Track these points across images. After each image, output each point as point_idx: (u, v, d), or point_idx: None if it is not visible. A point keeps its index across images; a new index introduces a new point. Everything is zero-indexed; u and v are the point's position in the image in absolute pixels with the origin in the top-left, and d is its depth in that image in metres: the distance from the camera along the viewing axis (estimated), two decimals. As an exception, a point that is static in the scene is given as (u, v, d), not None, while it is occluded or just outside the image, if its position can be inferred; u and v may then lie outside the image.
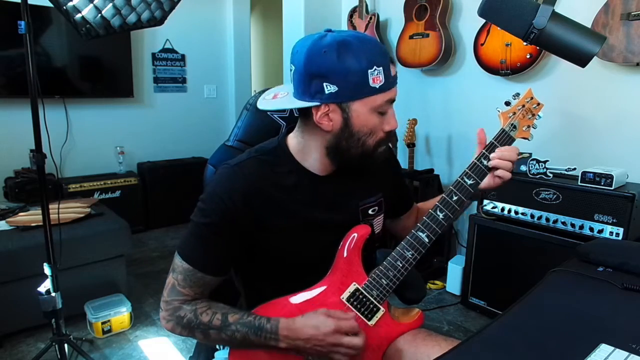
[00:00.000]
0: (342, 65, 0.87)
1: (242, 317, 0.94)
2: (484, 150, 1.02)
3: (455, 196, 1.01)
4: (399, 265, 1.00)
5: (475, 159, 1.03)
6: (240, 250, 0.99)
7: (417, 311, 1.08)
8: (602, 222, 1.96)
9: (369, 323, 1.00)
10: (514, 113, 1.06)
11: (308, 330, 0.91)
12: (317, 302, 0.99)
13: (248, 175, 0.96)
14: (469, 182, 1.01)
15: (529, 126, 1.06)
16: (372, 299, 1.00)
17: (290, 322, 0.93)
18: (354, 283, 1.00)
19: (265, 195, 0.96)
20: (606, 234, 1.95)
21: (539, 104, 1.07)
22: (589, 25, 1.82)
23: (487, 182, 1.03)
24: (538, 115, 1.07)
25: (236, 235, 0.95)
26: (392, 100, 0.94)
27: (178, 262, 0.96)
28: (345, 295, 1.00)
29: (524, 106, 1.06)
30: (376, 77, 0.88)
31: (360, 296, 1.00)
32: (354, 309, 0.99)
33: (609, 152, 2.27)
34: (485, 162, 1.02)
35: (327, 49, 0.87)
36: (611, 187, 1.93)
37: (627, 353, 0.76)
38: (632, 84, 2.17)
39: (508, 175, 1.00)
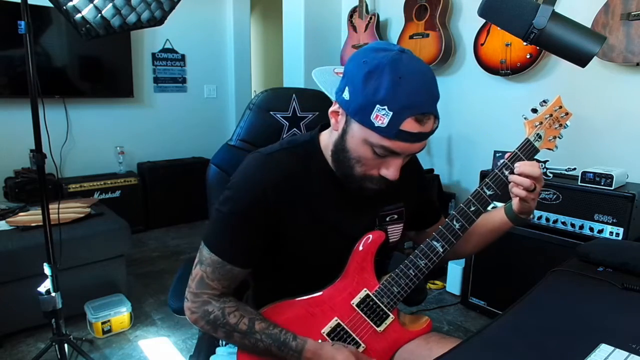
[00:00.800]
0: (362, 82, 0.82)
1: (268, 328, 0.93)
2: (506, 161, 0.97)
3: (473, 207, 0.98)
4: (411, 274, 0.98)
5: (497, 168, 0.98)
6: (267, 241, 0.97)
7: (426, 319, 1.07)
8: (602, 222, 1.96)
9: (378, 329, 0.99)
10: (541, 122, 1.00)
11: None
12: (327, 306, 0.98)
13: (280, 167, 0.93)
14: (488, 192, 0.97)
15: (555, 137, 1.01)
16: (382, 305, 0.99)
17: (318, 346, 0.92)
18: (365, 289, 0.99)
19: (293, 188, 0.94)
20: (606, 234, 1.95)
21: (567, 113, 1.01)
22: (589, 25, 1.82)
23: (514, 204, 1.00)
24: (565, 124, 1.02)
25: (265, 225, 0.93)
26: (393, 152, 0.86)
27: (206, 253, 0.94)
28: (355, 300, 0.99)
29: (551, 115, 1.00)
30: (380, 115, 0.81)
31: (371, 302, 0.99)
32: (363, 315, 0.99)
33: (609, 152, 2.27)
34: (507, 173, 0.97)
35: (368, 60, 0.83)
36: (611, 187, 1.93)
37: (627, 353, 0.76)
38: (632, 84, 2.17)
39: (523, 194, 0.95)
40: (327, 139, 0.98)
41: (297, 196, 0.94)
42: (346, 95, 0.86)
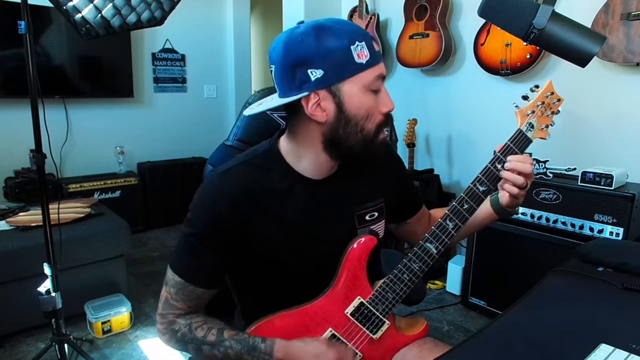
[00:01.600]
0: (322, 47, 0.83)
1: (237, 334, 0.92)
2: (498, 154, 0.95)
3: (467, 204, 0.95)
4: (406, 279, 0.96)
5: (489, 163, 0.95)
6: (231, 261, 0.95)
7: (422, 322, 1.06)
8: (602, 222, 1.96)
9: (374, 337, 0.97)
10: (533, 111, 0.96)
11: (307, 358, 0.88)
12: (320, 317, 0.96)
13: (235, 181, 0.92)
14: (482, 188, 0.94)
15: (547, 125, 0.98)
16: (377, 313, 0.97)
17: (288, 344, 0.90)
18: (359, 297, 0.96)
19: (254, 201, 0.92)
20: (606, 234, 1.95)
21: (559, 99, 0.98)
22: (589, 25, 1.82)
23: (502, 198, 0.99)
24: (557, 110, 0.98)
25: (226, 244, 0.92)
26: (382, 76, 0.89)
27: (170, 274, 0.94)
28: (349, 309, 0.96)
29: (543, 102, 0.97)
30: (360, 52, 0.84)
31: (366, 311, 0.96)
32: (358, 324, 0.97)
33: (609, 152, 2.27)
34: (499, 167, 0.94)
35: (304, 35, 0.84)
36: (611, 187, 1.93)
37: (627, 353, 0.76)
38: (632, 84, 2.17)
39: (515, 190, 0.94)
40: (287, 146, 0.96)
41: (261, 209, 0.92)
42: (316, 74, 0.84)
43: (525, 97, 0.99)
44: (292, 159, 0.95)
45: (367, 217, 1.03)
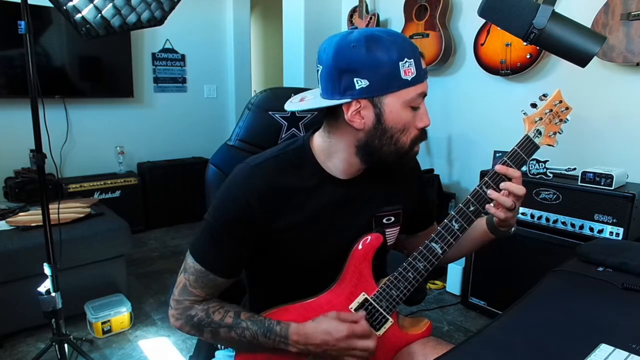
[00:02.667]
0: (372, 58, 0.84)
1: (253, 316, 0.94)
2: (505, 158, 0.96)
3: (472, 206, 0.96)
4: (410, 277, 0.97)
5: (495, 165, 0.97)
6: (253, 251, 0.97)
7: (426, 321, 1.07)
8: (602, 222, 1.96)
9: (377, 333, 0.98)
10: (541, 118, 0.98)
11: (320, 336, 0.90)
12: (324, 311, 0.97)
13: (267, 175, 0.93)
14: (488, 191, 0.96)
15: (555, 132, 0.99)
16: (381, 309, 0.98)
17: (301, 327, 0.92)
18: (363, 293, 0.98)
19: (283, 196, 0.93)
20: (606, 234, 1.95)
21: (567, 108, 0.99)
22: (589, 25, 1.82)
23: (495, 219, 1.00)
24: (566, 119, 0.99)
25: (250, 236, 0.93)
26: (424, 94, 0.91)
27: (190, 262, 0.95)
28: (353, 305, 0.98)
29: (551, 110, 0.98)
30: (407, 69, 0.86)
31: (369, 307, 0.98)
32: None
33: (609, 152, 2.27)
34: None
35: (356, 43, 0.85)
36: (611, 187, 1.93)
37: (627, 353, 0.76)
38: (632, 84, 2.17)
39: (501, 215, 0.95)
40: (320, 143, 0.97)
41: (287, 204, 0.94)
42: (361, 83, 0.86)
43: (533, 105, 1.00)
44: (322, 156, 0.97)
45: (384, 220, 1.04)
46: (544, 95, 1.00)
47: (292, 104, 1.01)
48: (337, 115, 0.92)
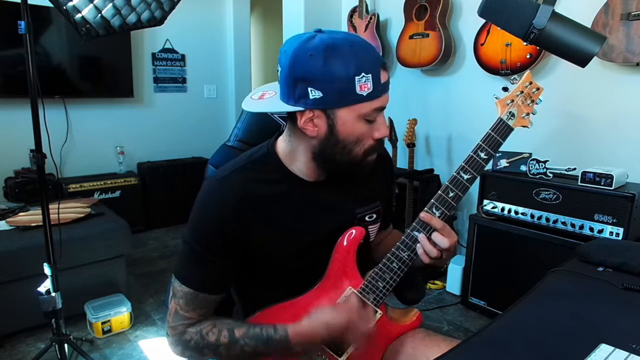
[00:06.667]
0: (327, 71, 0.83)
1: (248, 331, 0.93)
2: (481, 143, 0.96)
3: (452, 192, 0.96)
4: (395, 267, 0.97)
5: (472, 152, 0.97)
6: (237, 262, 0.96)
7: (415, 312, 1.07)
8: (602, 222, 1.96)
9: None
10: (512, 100, 0.99)
11: (319, 330, 0.90)
12: (313, 307, 0.97)
13: (235, 188, 0.92)
14: (466, 176, 0.96)
15: (528, 113, 0.99)
16: (368, 302, 0.98)
17: (297, 327, 0.92)
18: (350, 287, 0.99)
19: (254, 206, 0.93)
20: (606, 234, 1.95)
21: (538, 89, 1.00)
22: (589, 25, 1.82)
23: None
24: (538, 99, 1.00)
25: (231, 249, 0.93)
26: (381, 109, 0.90)
27: (177, 286, 0.94)
28: (341, 299, 0.98)
29: (522, 92, 0.99)
30: (364, 84, 0.84)
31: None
32: None
33: (609, 152, 2.27)
34: (482, 155, 0.96)
35: (314, 52, 0.83)
36: (611, 187, 1.93)
37: (627, 353, 0.76)
38: (632, 84, 2.17)
39: (426, 260, 0.94)
40: (283, 147, 0.97)
41: (260, 212, 0.93)
42: (315, 94, 0.85)
43: (505, 89, 1.01)
44: (287, 160, 0.97)
45: (367, 218, 1.05)
46: (515, 79, 1.01)
47: (252, 102, 1.00)
48: (294, 119, 0.91)
